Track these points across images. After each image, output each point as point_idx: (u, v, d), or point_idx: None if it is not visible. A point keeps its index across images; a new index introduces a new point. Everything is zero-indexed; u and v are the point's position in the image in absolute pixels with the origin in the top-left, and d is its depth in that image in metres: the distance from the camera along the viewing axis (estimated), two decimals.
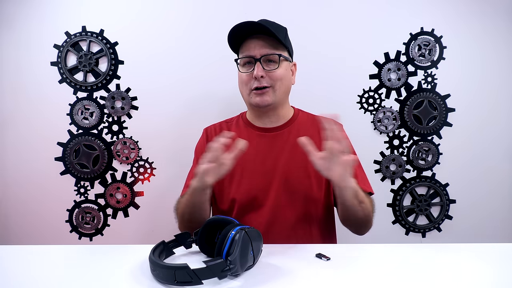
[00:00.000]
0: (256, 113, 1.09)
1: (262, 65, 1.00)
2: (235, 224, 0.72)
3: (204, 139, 1.14)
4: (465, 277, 0.68)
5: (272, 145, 1.07)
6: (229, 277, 0.65)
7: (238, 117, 1.17)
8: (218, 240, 0.69)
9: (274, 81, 1.01)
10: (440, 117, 1.55)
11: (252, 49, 1.00)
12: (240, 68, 1.04)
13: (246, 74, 1.02)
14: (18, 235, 1.55)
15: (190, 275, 0.60)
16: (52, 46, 1.48)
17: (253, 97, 1.02)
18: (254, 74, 0.99)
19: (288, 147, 1.06)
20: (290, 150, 1.06)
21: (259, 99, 1.01)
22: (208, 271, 0.61)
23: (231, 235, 0.66)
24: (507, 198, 1.60)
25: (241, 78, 1.04)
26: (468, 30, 1.52)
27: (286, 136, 1.08)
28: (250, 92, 1.03)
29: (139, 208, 1.56)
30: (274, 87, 1.01)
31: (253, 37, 1.01)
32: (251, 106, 1.07)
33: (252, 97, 1.03)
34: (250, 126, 1.11)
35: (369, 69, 1.54)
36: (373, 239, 1.58)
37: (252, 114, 1.12)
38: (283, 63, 1.03)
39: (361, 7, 1.51)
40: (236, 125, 1.14)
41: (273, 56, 1.00)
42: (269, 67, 1.01)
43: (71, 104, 1.51)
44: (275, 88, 1.02)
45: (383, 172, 1.58)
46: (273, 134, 1.08)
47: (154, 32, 1.49)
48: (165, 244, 0.76)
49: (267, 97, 1.01)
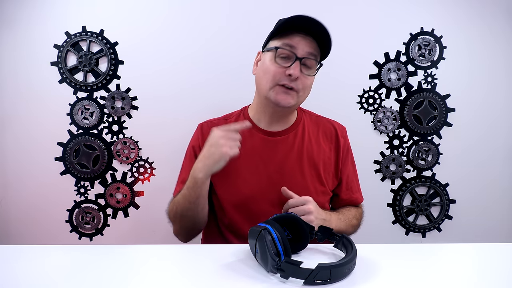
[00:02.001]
0: (267, 112, 1.01)
1: (300, 66, 0.92)
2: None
3: (199, 135, 1.07)
4: (465, 277, 0.68)
5: (276, 150, 1.02)
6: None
7: (239, 113, 1.09)
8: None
9: (303, 87, 0.94)
10: (440, 117, 1.55)
11: (299, 46, 0.91)
12: (276, 58, 0.93)
13: (278, 67, 0.92)
14: (18, 235, 1.55)
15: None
16: (52, 46, 1.48)
17: (277, 92, 0.93)
18: (290, 72, 0.90)
19: (293, 152, 1.02)
20: (296, 155, 1.02)
21: (283, 98, 0.93)
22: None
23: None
24: (507, 198, 1.60)
25: (269, 69, 0.93)
26: (468, 30, 1.53)
27: (291, 141, 1.03)
28: (275, 86, 0.93)
29: (139, 208, 1.56)
30: (299, 92, 0.94)
31: (301, 34, 0.92)
32: (267, 102, 0.97)
33: (275, 92, 0.94)
34: (253, 126, 1.03)
35: (369, 69, 1.54)
36: (373, 239, 1.59)
37: (260, 112, 1.03)
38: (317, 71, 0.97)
39: (361, 7, 1.51)
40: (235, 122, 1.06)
41: (314, 62, 0.94)
42: (306, 71, 0.94)
43: (71, 104, 1.51)
44: (299, 94, 0.95)
45: (383, 172, 1.58)
46: (278, 138, 1.03)
47: (154, 32, 1.50)
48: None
49: (291, 99, 0.94)
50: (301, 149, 1.03)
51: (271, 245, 0.64)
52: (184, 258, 0.77)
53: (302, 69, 0.92)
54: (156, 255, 0.77)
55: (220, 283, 0.65)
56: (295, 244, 0.77)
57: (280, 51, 0.93)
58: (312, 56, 0.93)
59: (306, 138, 1.05)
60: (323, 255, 0.78)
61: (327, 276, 0.61)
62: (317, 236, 0.80)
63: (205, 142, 0.94)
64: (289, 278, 0.63)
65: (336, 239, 0.78)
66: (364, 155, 1.57)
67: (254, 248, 0.69)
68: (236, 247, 0.80)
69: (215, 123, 1.06)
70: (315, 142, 1.05)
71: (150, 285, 0.64)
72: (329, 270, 0.61)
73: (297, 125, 1.06)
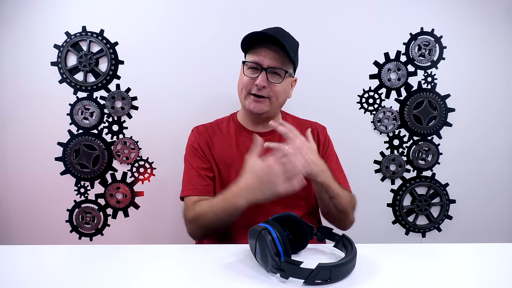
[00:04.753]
0: (249, 117, 1.12)
1: (267, 76, 1.01)
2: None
3: (195, 137, 1.13)
4: (465, 277, 0.68)
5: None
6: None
7: (229, 118, 1.19)
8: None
9: (273, 94, 1.03)
10: (440, 117, 1.55)
11: (262, 58, 1.01)
12: (245, 71, 1.05)
13: (248, 79, 1.03)
14: (18, 235, 1.55)
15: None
16: (52, 46, 1.48)
17: (249, 102, 1.05)
18: (257, 82, 1.01)
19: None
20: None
21: (254, 106, 1.04)
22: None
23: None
24: (507, 198, 1.60)
25: (242, 80, 1.06)
26: (468, 30, 1.53)
27: (277, 140, 1.07)
28: (248, 95, 1.05)
29: (139, 208, 1.56)
30: (271, 99, 1.04)
31: (265, 45, 1.01)
32: (245, 109, 1.09)
33: (248, 101, 1.05)
34: (241, 128, 1.13)
35: (369, 69, 1.54)
36: (373, 239, 1.59)
37: (245, 117, 1.14)
38: (286, 79, 1.05)
39: (361, 7, 1.51)
40: (227, 126, 1.15)
41: (279, 70, 1.02)
42: (273, 79, 1.02)
43: (71, 104, 1.51)
44: (271, 100, 1.04)
45: (383, 172, 1.58)
46: (265, 138, 1.06)
47: (154, 32, 1.49)
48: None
49: (263, 106, 1.04)
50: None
51: (271, 245, 0.64)
52: (184, 258, 0.77)
53: (269, 77, 1.02)
54: (156, 255, 0.77)
55: (220, 283, 0.65)
56: (295, 244, 0.77)
57: (247, 64, 1.04)
58: (277, 65, 1.01)
59: None
60: (323, 255, 0.78)
61: (327, 276, 0.61)
62: (317, 236, 0.80)
63: (202, 141, 1.09)
64: (289, 278, 0.63)
65: (336, 239, 0.78)
66: (364, 155, 1.57)
67: (254, 248, 0.69)
68: (236, 247, 0.80)
69: (208, 127, 1.16)
70: None
71: (150, 285, 0.64)
72: (329, 270, 0.61)
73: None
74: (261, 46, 1.02)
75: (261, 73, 1.01)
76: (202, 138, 1.12)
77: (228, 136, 1.12)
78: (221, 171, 1.09)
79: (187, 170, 1.11)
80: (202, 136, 1.12)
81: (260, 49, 1.02)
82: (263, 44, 1.02)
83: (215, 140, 1.12)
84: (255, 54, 1.03)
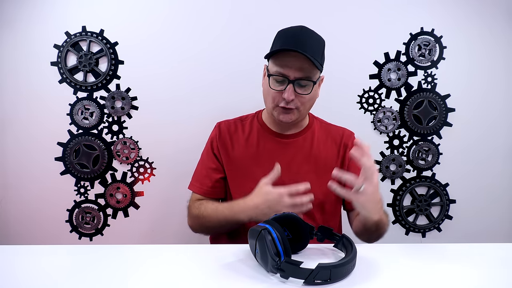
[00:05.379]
0: (275, 121, 1.09)
1: (294, 87, 0.97)
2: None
3: (215, 135, 1.13)
4: (465, 277, 0.68)
5: (286, 151, 1.08)
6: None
7: (254, 116, 1.17)
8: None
9: (300, 104, 1.00)
10: (440, 117, 1.55)
11: (288, 69, 0.95)
12: (270, 83, 0.99)
13: (275, 92, 0.99)
14: (18, 235, 1.55)
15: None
16: (52, 46, 1.48)
17: (278, 113, 1.02)
18: (284, 96, 0.96)
19: (302, 154, 1.08)
20: (304, 157, 1.08)
21: (283, 117, 1.01)
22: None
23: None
24: (507, 198, 1.60)
25: (269, 93, 1.01)
26: (468, 30, 1.53)
27: (301, 143, 1.09)
28: (276, 107, 1.01)
29: (139, 208, 1.56)
30: (299, 108, 1.01)
31: (291, 54, 0.95)
32: (273, 117, 1.06)
33: (277, 112, 1.02)
34: (265, 129, 1.12)
35: (369, 69, 1.54)
36: None
37: (271, 119, 1.11)
38: (314, 86, 1.00)
39: (361, 7, 1.51)
40: (250, 125, 1.14)
41: (307, 81, 0.97)
42: (301, 90, 0.98)
43: (71, 104, 1.51)
44: (300, 110, 1.01)
45: (383, 172, 1.58)
46: (288, 140, 1.09)
47: (154, 32, 1.49)
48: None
49: (292, 116, 1.01)
50: (309, 152, 1.09)
51: (271, 245, 0.64)
52: (184, 258, 0.77)
53: (296, 89, 0.97)
54: (156, 255, 0.77)
55: (220, 283, 0.65)
56: (295, 244, 0.77)
57: (274, 78, 0.99)
58: (304, 75, 0.96)
59: (315, 142, 1.11)
60: (323, 255, 0.78)
61: (327, 276, 0.61)
62: (317, 236, 0.80)
63: (220, 140, 1.10)
64: (289, 278, 0.63)
65: (336, 239, 0.78)
66: None
67: (254, 248, 0.69)
68: (236, 247, 0.80)
69: (231, 123, 1.15)
70: (323, 147, 1.11)
71: (149, 285, 0.64)
72: (329, 270, 0.61)
73: (307, 129, 1.12)
74: (285, 55, 0.96)
75: (288, 86, 0.96)
76: (222, 138, 1.11)
77: (250, 135, 1.12)
78: (236, 170, 1.08)
79: (200, 164, 1.15)
80: (222, 134, 1.12)
81: (285, 59, 0.96)
82: (287, 53, 0.95)
83: (235, 138, 1.11)
84: (279, 64, 0.97)
